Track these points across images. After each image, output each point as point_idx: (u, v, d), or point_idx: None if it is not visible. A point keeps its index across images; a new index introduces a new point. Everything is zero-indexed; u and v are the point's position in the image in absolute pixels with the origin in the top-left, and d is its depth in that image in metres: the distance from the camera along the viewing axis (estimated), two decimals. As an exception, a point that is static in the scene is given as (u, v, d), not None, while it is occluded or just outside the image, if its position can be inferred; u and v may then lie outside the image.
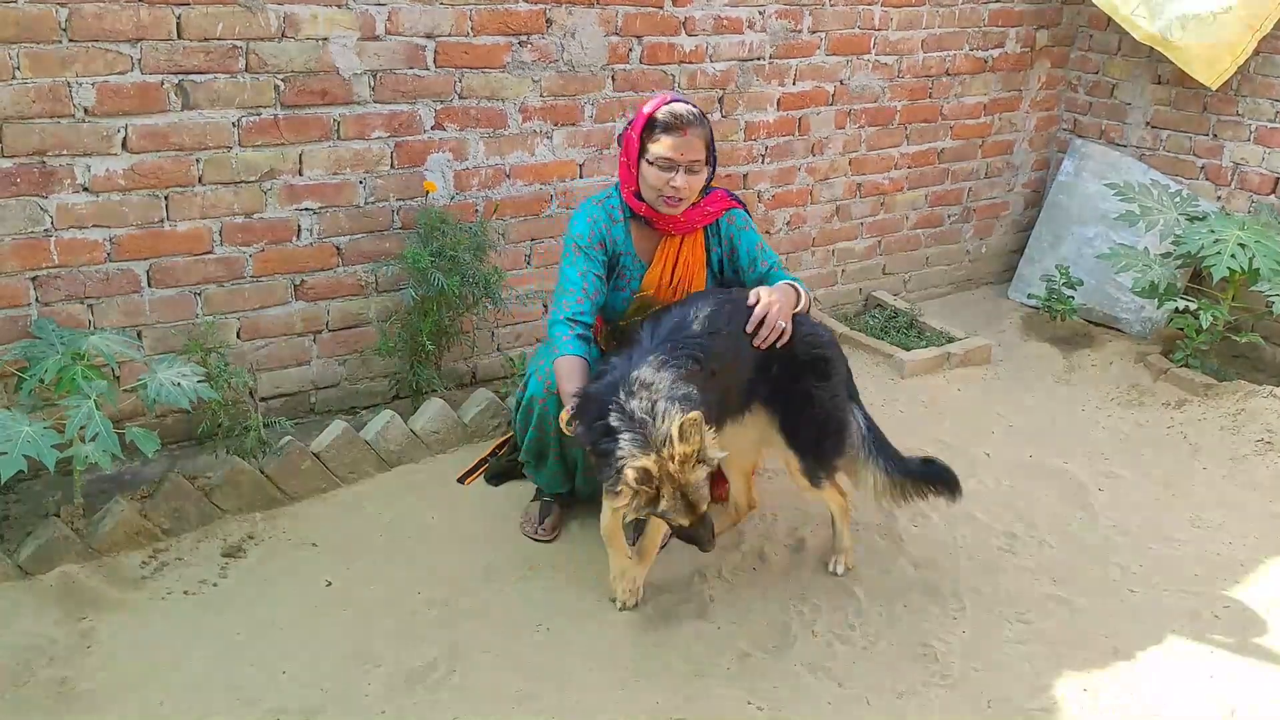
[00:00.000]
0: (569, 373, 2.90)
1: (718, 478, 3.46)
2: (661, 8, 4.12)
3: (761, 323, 2.91)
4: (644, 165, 3.00)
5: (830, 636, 2.95)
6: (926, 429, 4.17)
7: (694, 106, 3.03)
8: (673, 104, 3.00)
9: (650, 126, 2.98)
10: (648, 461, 2.52)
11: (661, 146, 2.95)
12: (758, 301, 2.94)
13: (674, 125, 2.94)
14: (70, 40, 3.06)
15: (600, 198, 3.20)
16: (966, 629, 3.01)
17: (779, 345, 2.92)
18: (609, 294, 3.19)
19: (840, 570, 3.19)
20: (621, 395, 2.61)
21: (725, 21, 4.31)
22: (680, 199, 3.01)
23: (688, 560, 3.23)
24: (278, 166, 3.50)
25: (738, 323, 2.91)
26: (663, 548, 3.24)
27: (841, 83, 4.78)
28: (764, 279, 3.16)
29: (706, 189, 3.16)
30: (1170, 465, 4.00)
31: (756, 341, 2.90)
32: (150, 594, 2.97)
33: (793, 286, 3.07)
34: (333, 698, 2.63)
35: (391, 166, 3.71)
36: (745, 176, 4.65)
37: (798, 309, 3.05)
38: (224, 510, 3.28)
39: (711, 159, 3.06)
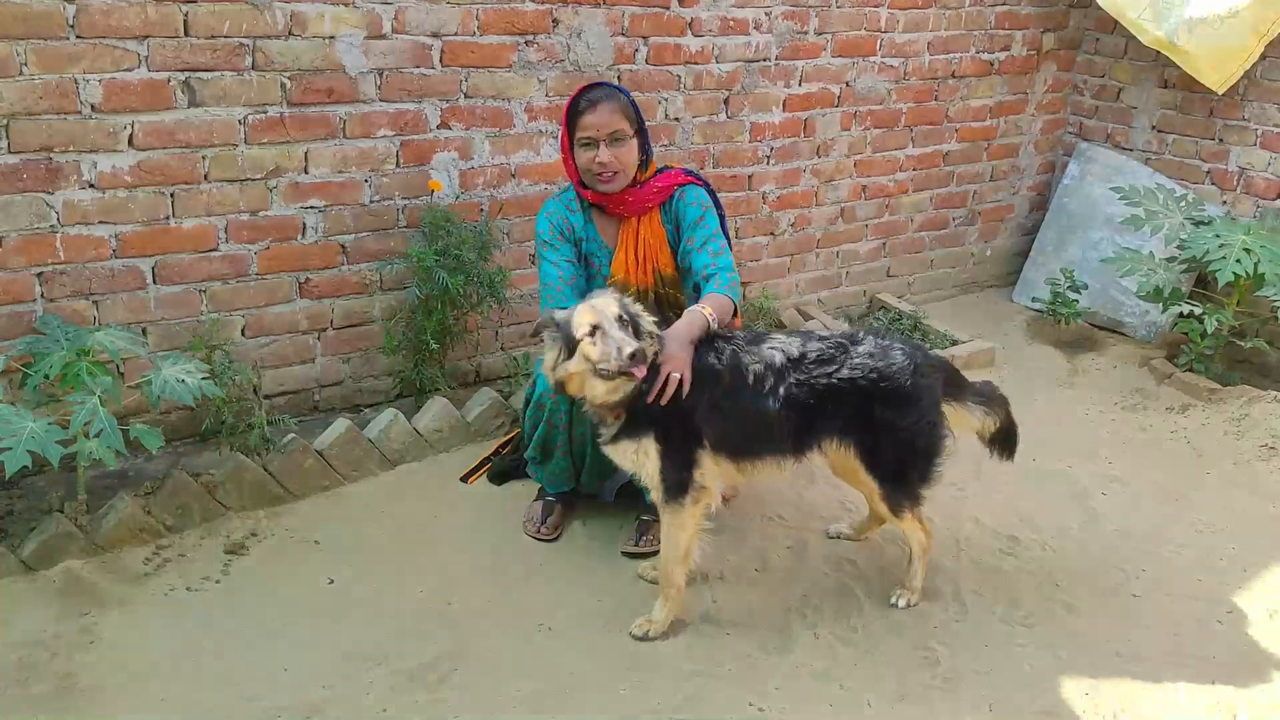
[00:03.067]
0: None
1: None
2: (668, 8, 4.12)
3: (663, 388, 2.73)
4: (575, 150, 3.12)
5: (832, 639, 2.95)
6: (930, 431, 4.16)
7: (609, 84, 3.16)
8: (587, 87, 3.13)
9: (571, 114, 3.11)
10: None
11: (581, 129, 3.07)
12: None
13: (587, 105, 3.07)
14: (78, 37, 3.07)
15: (558, 193, 3.31)
16: (968, 632, 3.00)
17: (683, 394, 2.73)
18: (585, 282, 3.25)
19: (901, 604, 3.07)
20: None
21: (732, 22, 4.31)
22: (612, 172, 3.09)
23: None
24: (283, 164, 3.50)
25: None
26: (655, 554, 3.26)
27: (847, 84, 4.78)
28: (685, 251, 3.15)
29: (662, 169, 3.22)
30: (1173, 469, 3.99)
31: (661, 400, 2.72)
32: (153, 590, 2.97)
33: (711, 301, 2.91)
34: (334, 696, 2.63)
35: (397, 165, 3.72)
36: (750, 178, 4.65)
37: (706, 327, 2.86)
38: (227, 507, 3.28)
39: (640, 131, 3.14)
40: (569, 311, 2.75)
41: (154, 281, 3.40)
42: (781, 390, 2.81)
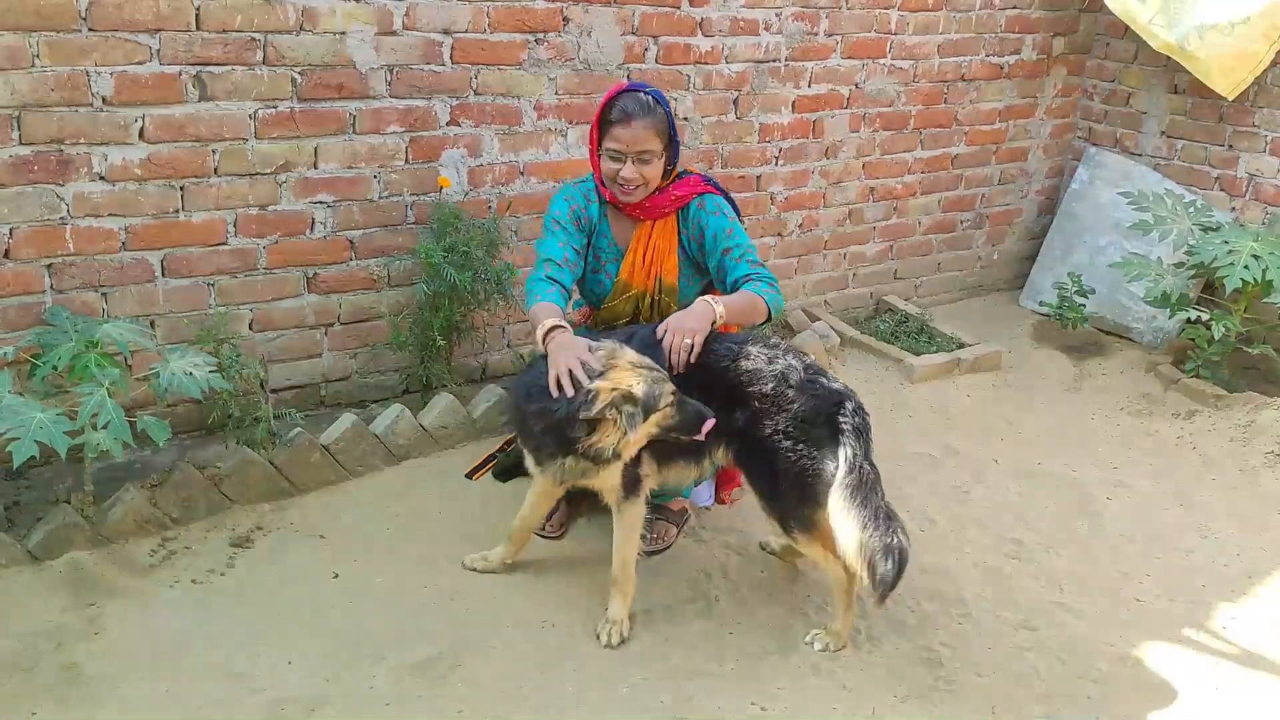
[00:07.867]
0: (544, 312, 2.89)
1: (724, 478, 3.48)
2: (678, 8, 4.13)
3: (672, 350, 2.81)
4: (601, 155, 3.06)
5: (835, 639, 2.95)
6: (935, 434, 4.17)
7: (648, 95, 3.02)
8: (624, 95, 3.02)
9: (604, 120, 3.03)
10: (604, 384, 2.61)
11: (611, 139, 3.00)
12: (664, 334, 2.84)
13: (621, 118, 2.98)
14: (90, 29, 3.08)
15: (578, 181, 3.25)
16: (972, 635, 3.00)
17: (692, 359, 2.79)
18: (589, 276, 3.22)
19: (818, 647, 2.88)
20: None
21: (742, 23, 4.31)
22: (634, 187, 3.03)
23: (693, 561, 3.24)
24: (293, 159, 3.51)
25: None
26: (659, 552, 3.26)
27: (857, 86, 4.77)
28: (722, 266, 3.09)
29: (681, 174, 3.16)
30: (1179, 475, 3.99)
31: (674, 367, 2.78)
32: (158, 582, 2.98)
33: (731, 298, 2.96)
34: (338, 689, 2.63)
35: (406, 161, 3.72)
36: (759, 178, 4.65)
37: (723, 321, 2.90)
38: (233, 500, 3.29)
39: (671, 145, 3.06)
40: (628, 380, 2.63)
41: (163, 274, 3.42)
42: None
